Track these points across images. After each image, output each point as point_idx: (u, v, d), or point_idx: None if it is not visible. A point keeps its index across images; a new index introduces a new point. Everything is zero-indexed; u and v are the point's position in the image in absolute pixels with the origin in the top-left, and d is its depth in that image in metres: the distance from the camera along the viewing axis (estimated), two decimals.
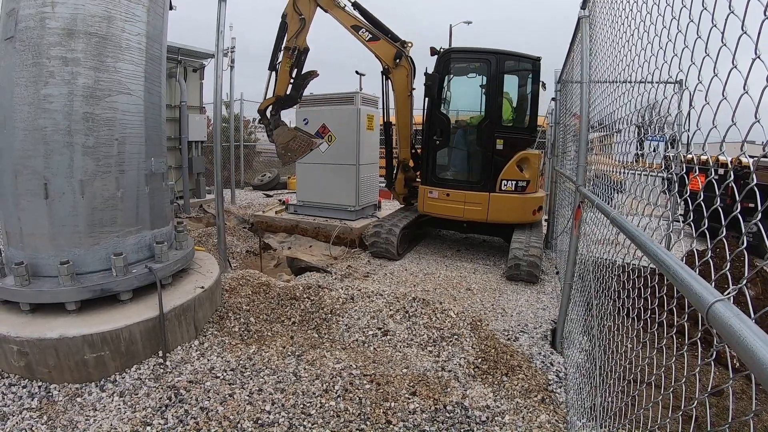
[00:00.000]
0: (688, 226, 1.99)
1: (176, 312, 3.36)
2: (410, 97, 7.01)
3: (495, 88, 6.52)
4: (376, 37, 6.58)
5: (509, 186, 6.61)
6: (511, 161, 6.54)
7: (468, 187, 6.78)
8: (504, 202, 6.64)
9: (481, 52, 6.61)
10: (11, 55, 3.06)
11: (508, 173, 6.57)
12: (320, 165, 8.32)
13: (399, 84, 6.87)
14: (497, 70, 6.48)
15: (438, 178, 7.03)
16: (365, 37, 6.55)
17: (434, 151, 6.97)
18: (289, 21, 6.27)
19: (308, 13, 6.27)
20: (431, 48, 6.78)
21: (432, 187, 6.98)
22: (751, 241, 1.13)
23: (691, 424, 1.42)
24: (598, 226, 3.18)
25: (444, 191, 6.87)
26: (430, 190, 6.99)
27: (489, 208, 6.65)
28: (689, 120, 1.48)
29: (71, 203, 3.16)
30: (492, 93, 6.56)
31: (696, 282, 1.04)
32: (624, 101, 2.47)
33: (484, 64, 6.63)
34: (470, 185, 6.81)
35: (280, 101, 6.57)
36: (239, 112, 14.33)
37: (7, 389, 2.87)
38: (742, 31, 1.11)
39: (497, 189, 6.61)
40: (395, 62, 6.67)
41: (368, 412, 2.82)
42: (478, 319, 4.24)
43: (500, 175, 6.58)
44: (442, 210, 6.94)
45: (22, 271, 3.03)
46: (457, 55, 6.81)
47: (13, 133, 3.07)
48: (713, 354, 1.18)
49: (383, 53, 6.66)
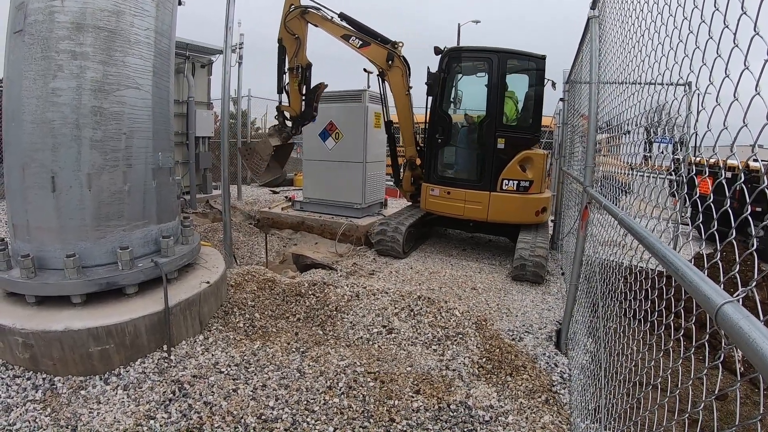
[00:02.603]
0: (695, 230, 1.98)
1: (181, 306, 3.37)
2: (408, 95, 7.06)
3: (497, 86, 6.50)
4: (367, 42, 6.75)
5: (511, 186, 6.58)
6: (513, 161, 6.52)
7: (469, 186, 6.79)
8: (505, 201, 6.61)
9: (484, 51, 6.62)
10: (20, 48, 3.07)
11: (509, 173, 6.55)
12: (327, 162, 8.33)
13: (395, 84, 6.96)
14: (499, 69, 6.46)
15: (439, 176, 7.07)
16: (356, 45, 6.74)
17: (436, 149, 7.03)
18: (285, 44, 6.71)
19: (301, 32, 6.64)
20: (435, 47, 6.83)
21: (434, 185, 7.02)
22: (758, 245, 1.12)
23: (697, 428, 1.41)
24: (605, 227, 3.16)
25: (445, 189, 6.90)
26: (431, 188, 7.03)
27: (489, 207, 6.64)
28: (698, 122, 1.47)
29: (78, 197, 3.17)
30: (493, 92, 6.54)
31: (705, 284, 1.03)
32: (633, 102, 2.45)
33: (486, 63, 6.62)
34: (471, 184, 6.81)
35: (297, 120, 6.98)
36: (247, 108, 14.34)
37: (11, 381, 2.89)
38: (755, 32, 1.10)
39: (498, 188, 6.60)
40: (388, 64, 6.77)
41: (371, 409, 2.82)
42: (483, 319, 4.23)
43: (501, 175, 6.56)
44: (443, 208, 6.97)
45: (28, 263, 3.05)
46: (459, 54, 6.83)
47: (21, 127, 3.08)
48: (720, 357, 1.17)
49: (376, 57, 6.81)
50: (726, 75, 1.24)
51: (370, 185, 8.32)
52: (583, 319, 3.85)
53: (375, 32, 6.85)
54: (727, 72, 1.23)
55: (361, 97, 7.97)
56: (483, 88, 6.92)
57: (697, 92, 1.45)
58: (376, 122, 8.27)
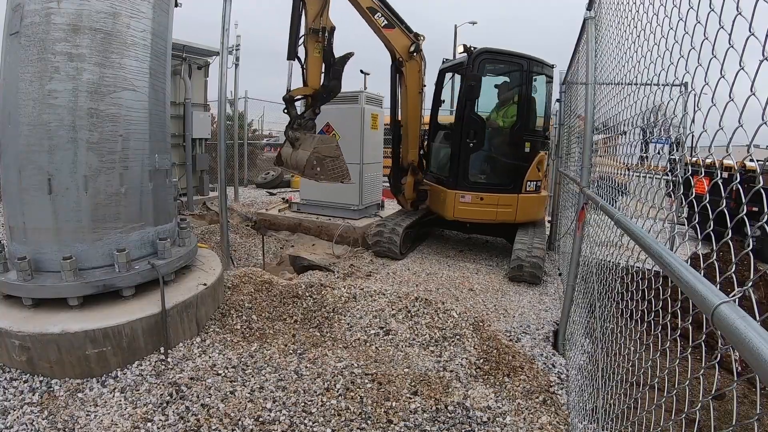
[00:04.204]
0: (691, 230, 1.98)
1: (178, 308, 3.36)
2: (420, 93, 6.71)
3: (526, 91, 6.61)
4: (391, 24, 6.00)
5: (531, 187, 6.80)
6: (533, 163, 6.72)
7: (501, 190, 6.78)
8: (528, 202, 6.82)
9: (515, 56, 6.60)
10: (16, 50, 3.06)
11: (531, 174, 6.75)
12: None
13: (411, 78, 6.49)
14: (527, 74, 6.55)
15: (470, 181, 6.81)
16: (381, 23, 5.90)
17: (468, 153, 6.71)
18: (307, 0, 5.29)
19: None
20: (463, 45, 6.49)
21: (464, 192, 6.74)
22: (755, 245, 1.12)
23: (694, 427, 1.41)
24: (601, 227, 3.17)
25: (477, 195, 6.73)
26: (462, 195, 6.74)
27: (518, 209, 6.77)
28: (694, 123, 1.47)
29: (75, 198, 3.16)
30: (523, 97, 6.63)
31: (701, 284, 1.03)
32: (629, 103, 2.46)
33: (516, 67, 6.63)
34: (502, 188, 6.81)
35: (319, 95, 5.48)
36: (243, 110, 14.33)
37: (8, 384, 2.88)
38: (750, 32, 1.10)
39: (523, 190, 6.75)
40: (410, 54, 6.25)
41: (369, 411, 2.82)
42: (481, 320, 4.23)
43: (525, 177, 6.72)
44: (474, 214, 6.81)
45: (24, 265, 3.04)
46: (493, 56, 6.67)
47: (17, 129, 3.08)
48: (717, 357, 1.18)
49: (398, 43, 6.17)
50: (721, 75, 1.24)
51: (367, 186, 8.31)
52: (581, 319, 3.86)
53: (400, 17, 6.13)
54: (723, 73, 1.23)
55: (357, 98, 7.95)
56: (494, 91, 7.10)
57: (692, 93, 1.45)
58: (373, 124, 8.26)
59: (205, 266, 4.08)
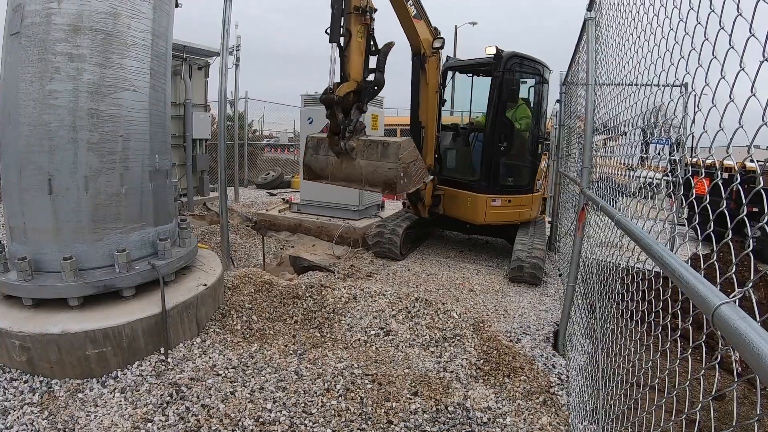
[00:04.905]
0: (692, 230, 1.98)
1: (178, 309, 3.36)
2: (437, 93, 6.36)
3: (542, 95, 6.90)
4: (420, 16, 5.68)
5: (538, 186, 7.18)
6: (541, 163, 7.13)
7: (522, 191, 6.93)
8: (537, 200, 7.19)
9: (535, 61, 6.70)
10: (17, 50, 3.06)
11: (539, 174, 7.15)
12: None
13: (431, 74, 6.14)
14: (543, 78, 6.80)
15: (500, 185, 6.76)
16: (412, 11, 5.50)
17: (499, 157, 6.63)
18: None
19: None
20: (495, 47, 6.33)
21: (495, 195, 6.65)
22: (755, 246, 1.12)
23: (694, 428, 1.41)
24: (602, 228, 3.17)
25: (506, 198, 6.72)
26: (493, 199, 6.64)
27: (532, 208, 7.06)
28: (694, 123, 1.47)
29: (75, 199, 3.16)
30: (540, 100, 6.92)
31: (701, 284, 1.03)
32: (629, 104, 2.46)
33: (536, 71, 6.74)
34: (525, 189, 6.97)
35: (365, 90, 4.82)
36: (244, 110, 14.33)
37: (8, 384, 2.88)
38: (750, 33, 1.10)
39: (535, 189, 7.06)
40: (433, 48, 5.96)
41: (369, 411, 2.82)
42: (481, 321, 4.23)
43: (536, 177, 7.05)
44: (502, 217, 6.77)
45: (25, 266, 3.04)
46: (520, 60, 6.59)
47: (18, 129, 3.08)
48: (717, 357, 1.18)
49: (424, 35, 5.83)
50: (722, 76, 1.24)
51: None
52: (581, 320, 3.86)
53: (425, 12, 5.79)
54: (723, 73, 1.23)
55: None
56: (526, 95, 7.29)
57: (693, 93, 1.45)
58: (374, 124, 8.26)
59: (206, 267, 4.08)
